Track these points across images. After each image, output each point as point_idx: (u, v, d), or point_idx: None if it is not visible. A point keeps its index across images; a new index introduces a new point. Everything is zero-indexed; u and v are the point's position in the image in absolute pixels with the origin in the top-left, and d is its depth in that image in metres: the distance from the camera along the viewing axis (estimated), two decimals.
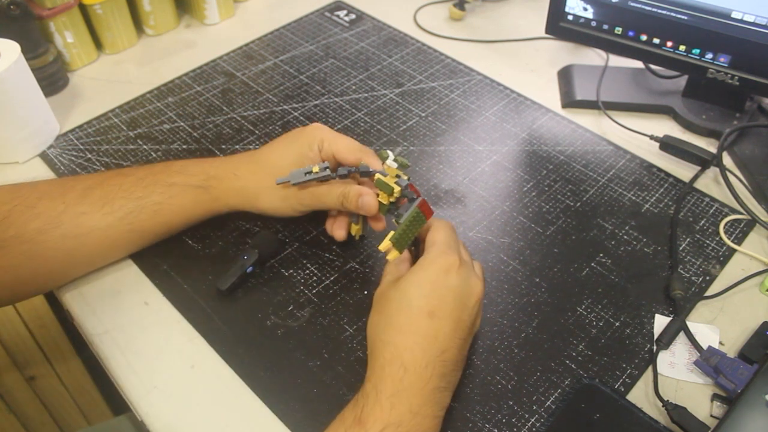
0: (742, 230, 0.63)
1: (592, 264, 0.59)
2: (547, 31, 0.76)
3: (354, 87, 0.79)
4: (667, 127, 0.75)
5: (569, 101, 0.77)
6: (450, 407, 0.47)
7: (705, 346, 0.52)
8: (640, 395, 0.50)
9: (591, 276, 0.58)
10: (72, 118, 0.75)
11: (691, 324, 0.54)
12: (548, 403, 0.49)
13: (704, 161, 0.68)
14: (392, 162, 0.52)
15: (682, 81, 0.76)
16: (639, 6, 0.68)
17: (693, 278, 0.58)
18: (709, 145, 0.71)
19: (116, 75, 0.82)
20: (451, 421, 0.48)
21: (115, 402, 1.05)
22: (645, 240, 0.61)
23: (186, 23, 0.91)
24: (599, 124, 0.75)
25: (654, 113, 0.76)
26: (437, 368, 0.44)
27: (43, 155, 0.70)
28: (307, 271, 0.58)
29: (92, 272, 0.57)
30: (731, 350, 0.53)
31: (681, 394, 0.50)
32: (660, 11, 0.67)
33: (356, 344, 0.53)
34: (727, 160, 0.70)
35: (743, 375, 0.48)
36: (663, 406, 0.48)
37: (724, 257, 0.60)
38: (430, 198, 0.65)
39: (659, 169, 0.69)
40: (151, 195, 0.55)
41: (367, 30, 0.89)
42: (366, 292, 0.57)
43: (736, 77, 0.67)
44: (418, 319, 0.45)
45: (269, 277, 0.58)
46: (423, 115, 0.76)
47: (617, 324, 0.55)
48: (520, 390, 0.50)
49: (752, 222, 0.63)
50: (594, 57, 0.85)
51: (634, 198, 0.66)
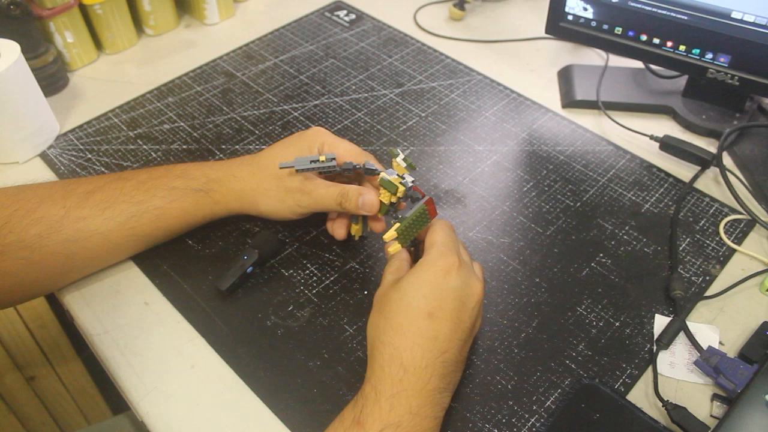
0: (742, 230, 0.63)
1: (592, 264, 0.59)
2: (547, 31, 0.76)
3: (354, 87, 0.79)
4: (667, 127, 0.75)
5: (569, 101, 0.77)
6: (450, 407, 0.47)
7: (705, 346, 0.52)
8: (640, 395, 0.50)
9: (591, 276, 0.58)
10: (72, 118, 0.75)
11: (691, 324, 0.54)
12: (548, 403, 0.49)
13: (704, 161, 0.68)
14: (401, 161, 0.51)
15: (682, 81, 0.76)
16: (639, 6, 0.68)
17: (693, 278, 0.58)
18: (709, 145, 0.71)
19: (116, 75, 0.82)
20: (451, 421, 0.48)
21: (115, 402, 1.05)
22: (645, 240, 0.61)
23: (186, 23, 0.91)
24: (599, 124, 0.75)
25: (654, 113, 0.76)
26: (437, 369, 0.44)
27: (43, 155, 0.70)
28: (307, 271, 0.58)
29: (92, 273, 0.57)
30: (731, 350, 0.53)
31: (681, 394, 0.50)
32: (660, 11, 0.67)
33: (356, 344, 0.53)
34: (727, 160, 0.70)
35: (743, 375, 0.48)
36: (663, 406, 0.48)
37: (724, 257, 0.60)
38: None
39: (659, 169, 0.69)
40: (152, 199, 0.55)
41: (367, 30, 0.89)
42: (366, 292, 0.57)
43: (736, 77, 0.67)
44: (417, 320, 0.45)
45: (269, 278, 0.58)
46: (423, 115, 0.76)
47: (617, 324, 0.55)
48: (520, 390, 0.50)
49: (752, 222, 0.63)
50: (594, 57, 0.85)
51: (634, 198, 0.66)
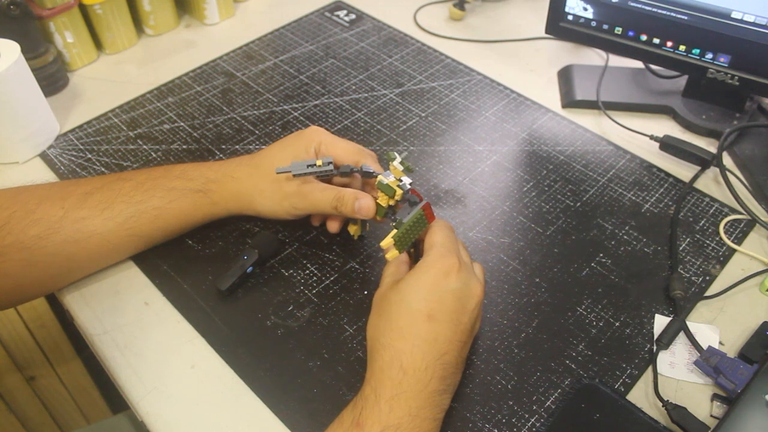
0: (742, 230, 0.63)
1: (592, 264, 0.59)
2: (547, 31, 0.76)
3: (354, 87, 0.79)
4: (667, 127, 0.75)
5: (569, 101, 0.77)
6: (450, 407, 0.47)
7: (705, 346, 0.52)
8: (640, 395, 0.50)
9: (591, 276, 0.58)
10: (72, 118, 0.75)
11: (691, 324, 0.54)
12: (548, 403, 0.49)
13: (704, 161, 0.68)
14: (398, 164, 0.51)
15: (682, 81, 0.76)
16: (639, 6, 0.68)
17: (693, 278, 0.58)
18: (709, 145, 0.71)
19: (116, 75, 0.82)
20: (451, 421, 0.48)
21: (115, 402, 1.05)
22: (645, 240, 0.61)
23: (186, 23, 0.91)
24: (599, 124, 0.75)
25: (654, 113, 0.76)
26: (437, 371, 0.44)
27: (43, 155, 0.70)
28: (307, 271, 0.58)
29: (92, 273, 0.57)
30: (731, 350, 0.53)
31: (681, 394, 0.50)
32: (660, 11, 0.67)
33: (356, 344, 0.53)
34: (727, 160, 0.70)
35: (743, 375, 0.48)
36: (663, 406, 0.48)
37: (724, 257, 0.60)
38: (430, 198, 0.65)
39: (659, 169, 0.69)
40: (151, 199, 0.55)
41: (367, 30, 0.89)
42: (366, 292, 0.57)
43: (736, 77, 0.67)
44: (417, 322, 0.45)
45: (269, 277, 0.58)
46: (423, 115, 0.76)
47: (617, 324, 0.55)
48: (520, 390, 0.50)
49: (752, 222, 0.63)
50: (594, 57, 0.85)
51: (634, 198, 0.66)
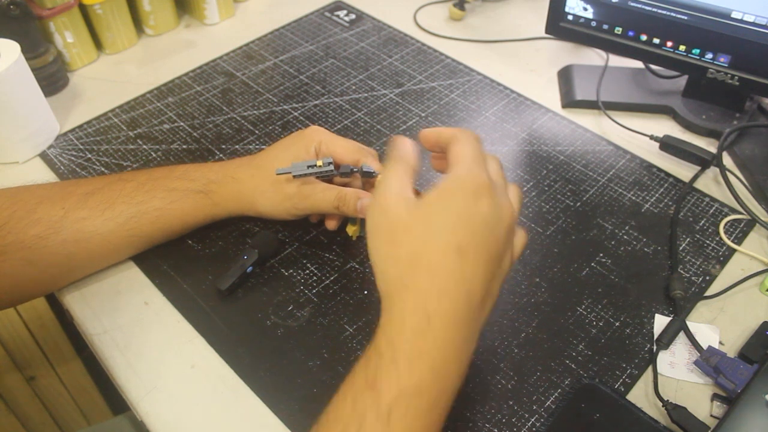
0: (742, 230, 0.63)
1: (592, 264, 0.59)
2: (547, 31, 0.76)
3: (354, 87, 0.79)
4: (667, 127, 0.75)
5: (569, 101, 0.77)
6: (450, 407, 0.45)
7: (705, 346, 0.52)
8: (640, 395, 0.50)
9: (591, 276, 0.58)
10: (72, 118, 0.75)
11: (691, 324, 0.54)
12: (548, 403, 0.49)
13: (704, 161, 0.68)
14: None
15: (682, 81, 0.76)
16: (639, 6, 0.68)
17: (693, 278, 0.58)
18: (709, 145, 0.71)
19: (116, 75, 0.82)
20: (451, 421, 0.48)
21: (115, 402, 1.05)
22: (645, 240, 0.61)
23: (186, 23, 0.91)
24: (599, 124, 0.75)
25: (654, 113, 0.76)
26: (464, 316, 0.38)
27: (43, 155, 0.70)
28: (307, 271, 0.58)
29: (92, 273, 0.57)
30: (731, 350, 0.53)
31: (681, 394, 0.50)
32: (660, 11, 0.67)
33: (356, 344, 0.53)
34: (727, 160, 0.70)
35: (743, 375, 0.48)
36: (663, 406, 0.48)
37: (724, 257, 0.60)
38: None
39: (659, 169, 0.69)
40: (152, 200, 0.55)
41: (367, 30, 0.89)
42: (366, 292, 0.57)
43: (736, 77, 0.67)
44: (446, 257, 0.37)
45: (269, 277, 0.58)
46: (423, 115, 0.76)
47: (617, 324, 0.55)
48: (520, 390, 0.50)
49: (752, 222, 0.63)
50: (594, 57, 0.85)
51: (634, 198, 0.66)
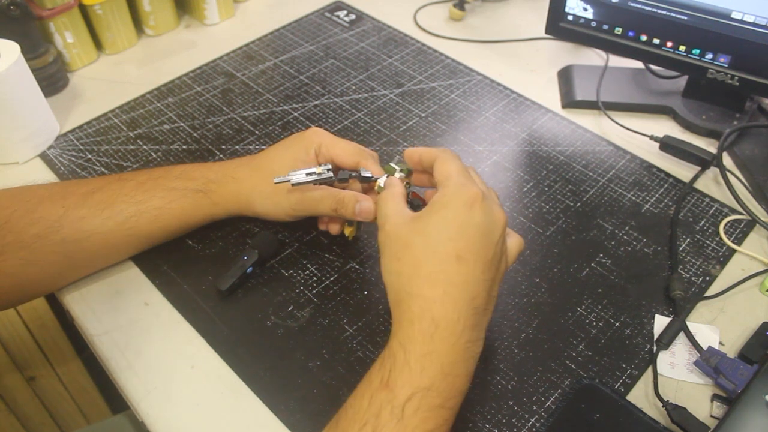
0: (742, 230, 0.63)
1: (592, 264, 0.59)
2: (547, 31, 0.76)
3: (354, 87, 0.79)
4: (667, 127, 0.75)
5: (569, 101, 0.77)
6: (460, 406, 0.45)
7: (705, 347, 0.52)
8: (640, 395, 0.50)
9: (591, 276, 0.58)
10: (72, 118, 0.75)
11: (691, 324, 0.54)
12: (548, 403, 0.49)
13: (704, 161, 0.68)
14: (399, 174, 0.52)
15: (682, 81, 0.76)
16: (639, 6, 0.68)
17: (693, 278, 0.58)
18: (709, 146, 0.71)
19: (116, 75, 0.82)
20: None
21: (115, 402, 1.05)
22: (645, 240, 0.61)
23: (186, 23, 0.91)
24: (599, 124, 0.75)
25: (654, 113, 0.76)
26: (469, 319, 0.41)
27: (43, 156, 0.70)
28: (307, 272, 0.58)
29: (92, 273, 0.57)
30: (731, 350, 0.53)
31: (681, 394, 0.50)
32: (660, 11, 0.67)
33: (356, 344, 0.53)
34: (727, 160, 0.70)
35: (743, 375, 0.48)
36: (663, 406, 0.48)
37: (724, 257, 0.60)
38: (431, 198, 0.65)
39: (659, 170, 0.69)
40: (152, 199, 0.55)
41: (367, 30, 0.89)
42: (366, 292, 0.57)
43: (736, 77, 0.67)
44: (446, 265, 0.41)
45: (269, 278, 0.58)
46: (423, 115, 0.76)
47: (617, 324, 0.55)
48: (520, 390, 0.50)
49: (752, 222, 0.63)
50: (594, 57, 0.85)
51: (634, 198, 0.66)
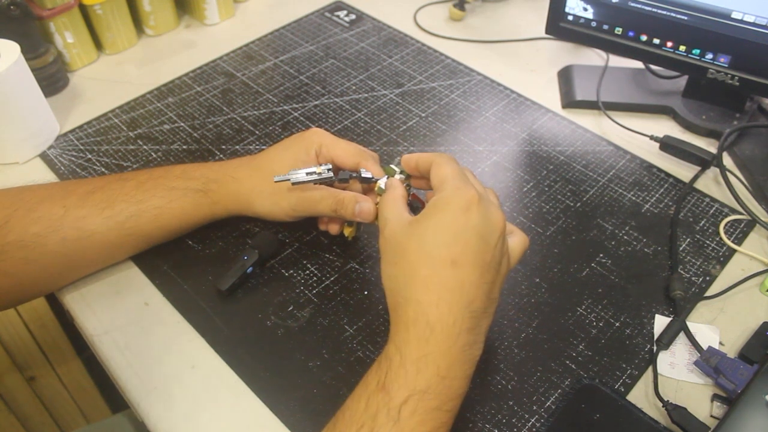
0: (742, 230, 0.63)
1: (592, 264, 0.59)
2: (547, 32, 0.76)
3: (354, 87, 0.79)
4: (667, 128, 0.75)
5: (569, 101, 0.77)
6: (458, 409, 0.45)
7: (705, 347, 0.52)
8: (640, 395, 0.50)
9: (591, 276, 0.58)
10: (72, 118, 0.75)
11: (691, 324, 0.54)
12: (548, 403, 0.49)
13: (704, 161, 0.68)
14: (399, 175, 0.52)
15: (682, 81, 0.76)
16: (639, 6, 0.68)
17: (693, 278, 0.58)
18: (709, 146, 0.71)
19: (116, 75, 0.82)
20: None
21: (115, 402, 1.05)
22: (645, 240, 0.61)
23: (186, 23, 0.91)
24: (599, 124, 0.75)
25: (654, 113, 0.76)
26: (465, 323, 0.41)
27: (43, 156, 0.70)
28: (307, 272, 0.58)
29: (92, 273, 0.57)
30: (731, 350, 0.53)
31: (681, 394, 0.50)
32: (660, 11, 0.67)
33: (356, 344, 0.53)
34: (727, 160, 0.70)
35: (743, 375, 0.48)
36: (663, 406, 0.48)
37: (724, 257, 0.60)
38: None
39: (659, 170, 0.69)
40: (152, 199, 0.55)
41: (367, 30, 0.89)
42: (366, 292, 0.57)
43: (736, 77, 0.67)
44: (441, 270, 0.41)
45: (269, 278, 0.58)
46: (423, 115, 0.76)
47: (617, 324, 0.55)
48: (520, 390, 0.50)
49: (752, 222, 0.63)
50: (594, 57, 0.85)
51: (634, 198, 0.66)
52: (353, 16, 0.92)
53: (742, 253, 0.61)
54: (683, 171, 0.69)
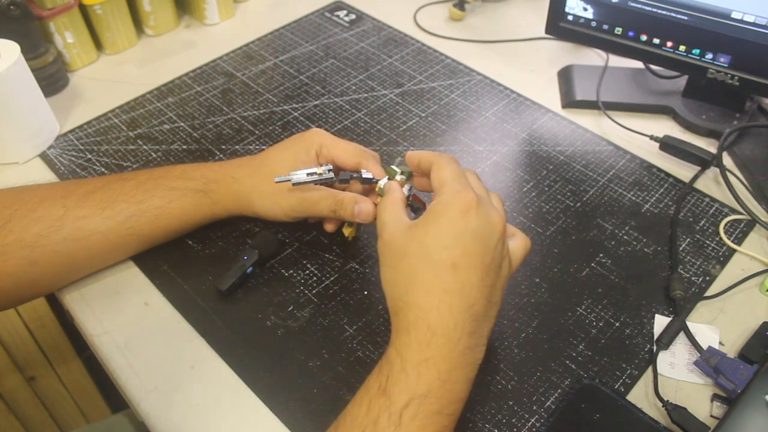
0: (742, 230, 0.63)
1: (592, 264, 0.59)
2: (547, 31, 0.76)
3: (354, 87, 0.79)
4: (667, 127, 0.75)
5: (569, 101, 0.77)
6: (460, 412, 0.45)
7: (705, 347, 0.52)
8: (640, 395, 0.50)
9: (591, 276, 0.58)
10: (72, 118, 0.75)
11: (691, 324, 0.54)
12: (548, 403, 0.49)
13: (704, 161, 0.68)
14: (400, 176, 0.52)
15: (682, 81, 0.76)
16: (639, 6, 0.68)
17: (693, 278, 0.58)
18: (709, 145, 0.71)
19: (116, 75, 0.82)
20: None
21: (115, 402, 1.05)
22: (645, 240, 0.61)
23: (186, 23, 0.91)
24: (599, 124, 0.75)
25: (654, 113, 0.76)
26: (466, 326, 0.41)
27: (43, 156, 0.70)
28: (307, 272, 0.58)
29: (92, 273, 0.57)
30: (731, 350, 0.53)
31: (681, 394, 0.50)
32: (660, 11, 0.67)
33: (356, 344, 0.53)
34: (727, 160, 0.70)
35: (743, 375, 0.48)
36: (663, 406, 0.48)
37: (724, 257, 0.60)
38: (430, 198, 0.65)
39: (659, 169, 0.69)
40: (152, 199, 0.55)
41: (367, 30, 0.89)
42: (366, 292, 0.57)
43: (736, 77, 0.67)
44: (441, 274, 0.41)
45: (269, 278, 0.58)
46: (423, 115, 0.76)
47: (617, 324, 0.55)
48: (520, 390, 0.50)
49: (752, 222, 0.63)
50: (594, 57, 0.85)
51: (634, 198, 0.66)
52: (353, 16, 0.92)
53: (742, 253, 0.61)
54: (683, 171, 0.69)
